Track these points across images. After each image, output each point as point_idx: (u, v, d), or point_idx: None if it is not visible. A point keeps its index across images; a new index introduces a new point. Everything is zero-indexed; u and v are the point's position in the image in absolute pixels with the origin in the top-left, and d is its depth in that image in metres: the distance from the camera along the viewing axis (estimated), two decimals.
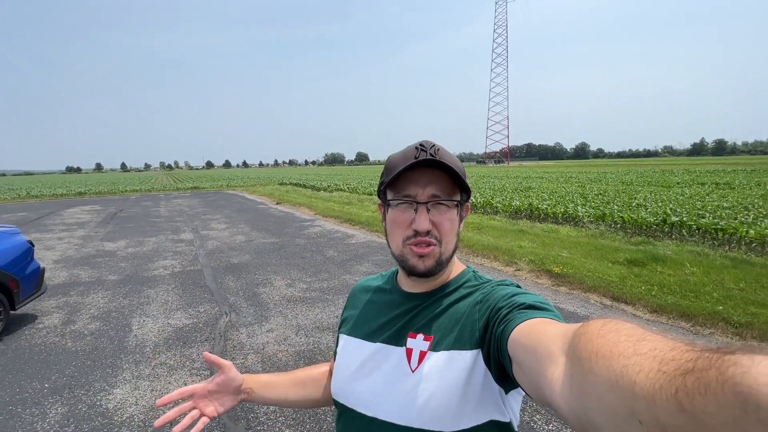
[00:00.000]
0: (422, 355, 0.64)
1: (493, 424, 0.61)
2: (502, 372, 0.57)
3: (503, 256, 5.99)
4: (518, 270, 5.45)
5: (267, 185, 27.09)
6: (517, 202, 10.89)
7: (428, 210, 0.64)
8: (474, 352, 0.61)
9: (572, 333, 0.39)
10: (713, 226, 7.00)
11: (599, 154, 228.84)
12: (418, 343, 0.65)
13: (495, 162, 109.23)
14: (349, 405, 0.70)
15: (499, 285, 0.66)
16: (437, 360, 0.63)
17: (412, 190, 0.65)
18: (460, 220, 0.69)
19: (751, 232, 6.39)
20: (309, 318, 3.94)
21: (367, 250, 6.90)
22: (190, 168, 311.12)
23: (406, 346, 0.66)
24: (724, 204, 9.99)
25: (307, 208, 13.36)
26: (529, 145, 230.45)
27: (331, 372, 0.86)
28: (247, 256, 6.65)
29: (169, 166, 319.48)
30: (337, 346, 0.82)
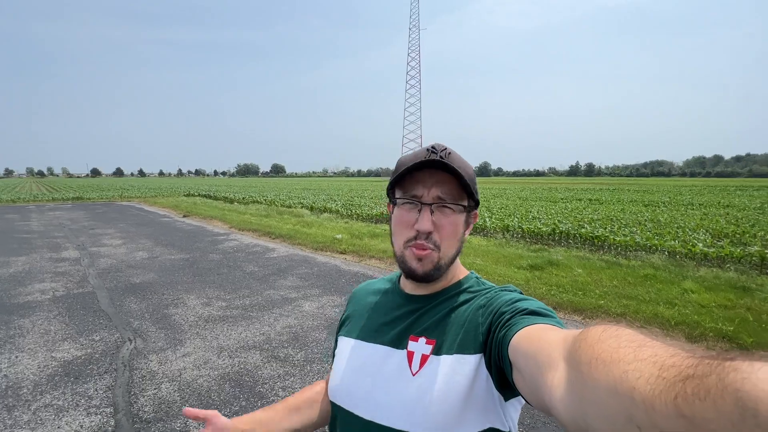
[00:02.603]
0: (424, 358, 0.63)
1: (492, 431, 0.61)
2: (503, 378, 0.56)
3: None
4: None
5: (170, 196, 24.48)
6: None
7: (432, 212, 0.64)
8: (477, 356, 0.60)
9: (572, 339, 0.39)
10: (590, 235, 8.33)
11: (499, 172, 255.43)
12: (420, 346, 0.64)
13: None
14: (346, 407, 0.68)
15: (502, 290, 0.65)
16: (440, 364, 0.61)
17: (418, 191, 0.64)
18: (466, 226, 0.68)
19: (617, 239, 7.77)
20: (232, 338, 3.65)
21: (290, 263, 6.66)
22: (69, 175, 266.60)
23: (407, 349, 0.65)
24: (596, 216, 11.94)
25: (219, 221, 12.41)
26: None
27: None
28: (152, 275, 5.92)
29: (41, 173, 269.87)
30: (335, 348, 0.80)
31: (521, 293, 0.64)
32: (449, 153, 0.64)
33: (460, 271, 0.72)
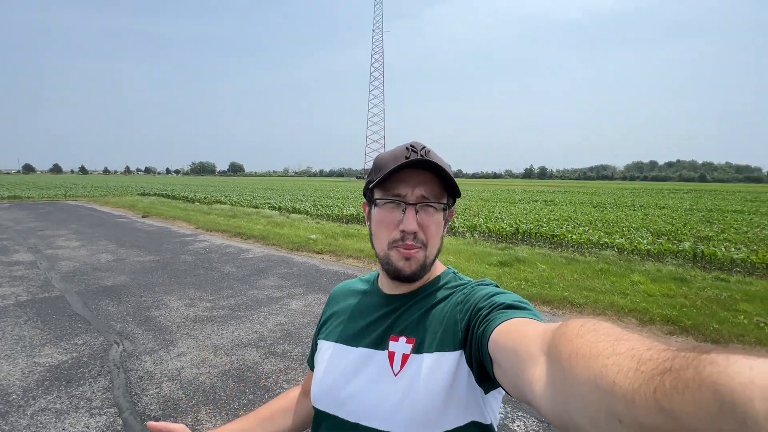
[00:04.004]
0: (405, 358, 0.63)
1: (474, 425, 0.61)
2: (483, 372, 0.56)
3: None
4: None
5: (124, 195, 23.04)
6: None
7: (417, 211, 0.64)
8: (457, 353, 0.60)
9: (551, 333, 0.39)
10: (550, 233, 9.02)
11: (458, 174, 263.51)
12: (400, 346, 0.64)
13: None
14: (331, 411, 0.67)
15: (479, 285, 0.65)
16: (421, 363, 0.61)
17: (401, 190, 0.63)
18: (445, 224, 0.68)
19: (574, 237, 8.50)
20: (225, 337, 3.69)
21: (268, 263, 6.67)
22: None
23: (388, 349, 0.65)
24: (553, 217, 12.86)
25: (184, 221, 11.97)
26: None
27: (304, 393, 0.83)
28: (124, 277, 5.70)
29: None
30: (312, 353, 0.79)
31: (497, 287, 0.65)
32: (428, 151, 0.64)
33: (437, 268, 0.72)
